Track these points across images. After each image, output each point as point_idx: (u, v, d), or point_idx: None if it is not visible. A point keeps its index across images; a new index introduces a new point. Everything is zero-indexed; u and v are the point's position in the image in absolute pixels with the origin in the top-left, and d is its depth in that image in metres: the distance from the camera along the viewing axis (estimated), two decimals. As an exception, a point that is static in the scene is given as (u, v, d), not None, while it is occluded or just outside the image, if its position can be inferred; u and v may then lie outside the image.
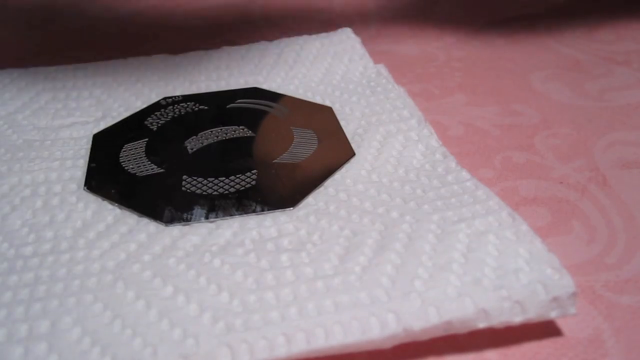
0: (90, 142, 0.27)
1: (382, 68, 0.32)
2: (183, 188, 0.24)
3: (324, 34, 0.35)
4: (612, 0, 0.41)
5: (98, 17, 0.41)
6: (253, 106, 0.29)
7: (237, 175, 0.25)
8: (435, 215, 0.22)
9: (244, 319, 0.18)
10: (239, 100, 0.30)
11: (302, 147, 0.26)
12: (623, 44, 0.36)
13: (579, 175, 0.26)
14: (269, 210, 0.23)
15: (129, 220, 0.23)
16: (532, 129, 0.29)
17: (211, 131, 0.28)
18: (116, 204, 0.23)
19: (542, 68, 0.34)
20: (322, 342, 0.18)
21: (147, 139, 0.27)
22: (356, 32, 0.35)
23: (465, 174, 0.24)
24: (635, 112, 0.30)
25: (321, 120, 0.28)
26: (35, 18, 0.42)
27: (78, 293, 0.20)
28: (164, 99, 0.30)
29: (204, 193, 0.24)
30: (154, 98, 0.30)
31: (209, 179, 0.25)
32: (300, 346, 0.18)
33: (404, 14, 0.41)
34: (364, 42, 0.35)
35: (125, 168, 0.25)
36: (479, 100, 0.31)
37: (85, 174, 0.25)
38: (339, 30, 0.35)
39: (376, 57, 0.34)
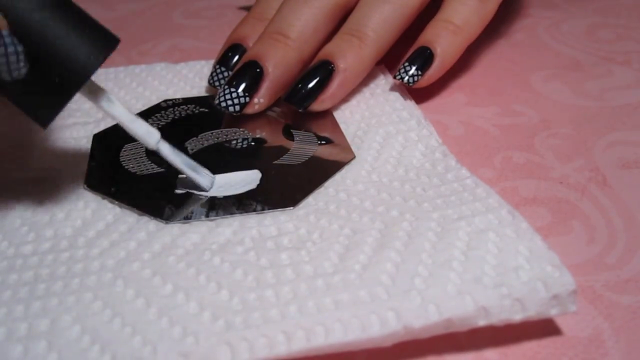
0: (91, 142, 0.27)
1: (381, 69, 0.32)
2: (183, 187, 0.24)
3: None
4: (614, 0, 0.41)
5: (98, 17, 0.42)
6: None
7: (237, 176, 0.25)
8: (435, 213, 0.22)
9: (244, 317, 0.18)
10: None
11: (302, 149, 0.26)
12: (623, 44, 0.36)
13: (579, 175, 0.26)
14: (269, 209, 0.23)
15: (129, 218, 0.23)
16: (532, 129, 0.29)
17: (211, 133, 0.28)
18: (116, 203, 0.23)
19: (542, 68, 0.34)
20: (322, 340, 0.18)
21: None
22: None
23: (465, 172, 0.24)
24: (635, 112, 0.30)
25: (321, 122, 0.28)
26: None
27: (78, 291, 0.20)
28: (165, 101, 0.30)
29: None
30: (154, 100, 0.30)
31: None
32: (300, 344, 0.18)
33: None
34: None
35: (126, 167, 0.25)
36: (479, 100, 0.31)
37: (85, 173, 0.25)
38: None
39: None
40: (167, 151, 0.23)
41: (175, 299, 0.19)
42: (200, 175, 0.23)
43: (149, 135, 0.22)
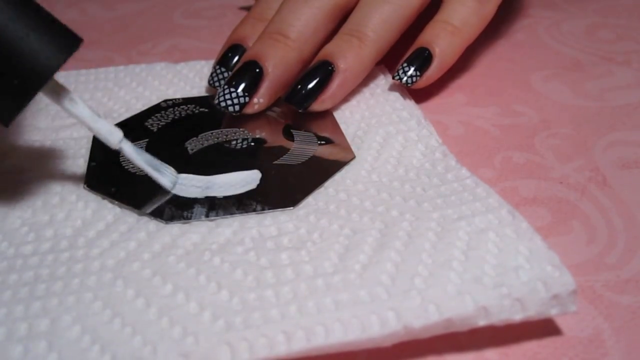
0: (91, 142, 0.27)
1: (381, 69, 0.32)
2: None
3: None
4: (614, 0, 0.41)
5: (98, 17, 0.42)
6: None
7: (238, 176, 0.25)
8: (435, 213, 0.22)
9: (244, 317, 0.18)
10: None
11: (302, 149, 0.26)
12: (623, 44, 0.36)
13: (579, 175, 0.26)
14: (269, 209, 0.23)
15: (129, 218, 0.23)
16: (532, 129, 0.29)
17: (211, 133, 0.28)
18: (116, 203, 0.23)
19: (542, 68, 0.34)
20: (322, 340, 0.18)
21: (147, 140, 0.27)
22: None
23: (465, 172, 0.24)
24: (635, 112, 0.30)
25: (321, 122, 0.28)
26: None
27: (78, 291, 0.20)
28: (165, 101, 0.30)
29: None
30: (154, 100, 0.30)
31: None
32: (300, 344, 0.18)
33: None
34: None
35: (126, 167, 0.25)
36: (479, 100, 0.31)
37: (85, 173, 0.25)
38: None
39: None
40: (130, 150, 0.23)
41: (175, 299, 0.19)
42: (163, 174, 0.23)
43: (111, 134, 0.22)
